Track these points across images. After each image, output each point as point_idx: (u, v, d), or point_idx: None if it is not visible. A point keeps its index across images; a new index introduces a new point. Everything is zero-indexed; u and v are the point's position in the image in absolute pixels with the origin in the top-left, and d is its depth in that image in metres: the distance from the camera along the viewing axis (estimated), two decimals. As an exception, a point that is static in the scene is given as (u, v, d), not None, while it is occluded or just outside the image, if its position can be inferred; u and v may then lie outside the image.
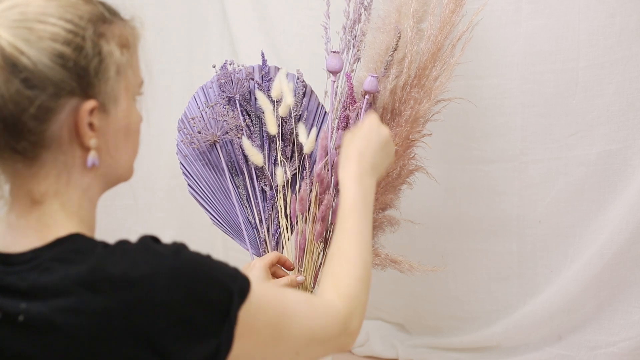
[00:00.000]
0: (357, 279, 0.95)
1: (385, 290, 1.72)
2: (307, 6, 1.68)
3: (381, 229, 1.37)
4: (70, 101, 0.76)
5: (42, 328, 0.72)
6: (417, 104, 1.32)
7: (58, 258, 0.75)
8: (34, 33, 0.74)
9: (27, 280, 0.74)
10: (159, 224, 1.88)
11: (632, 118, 1.41)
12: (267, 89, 1.39)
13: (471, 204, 1.59)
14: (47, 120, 0.75)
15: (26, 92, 0.73)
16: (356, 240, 0.98)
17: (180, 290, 0.74)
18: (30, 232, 0.78)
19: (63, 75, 0.75)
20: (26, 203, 0.79)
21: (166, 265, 0.74)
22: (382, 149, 1.09)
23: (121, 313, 0.72)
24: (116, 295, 0.72)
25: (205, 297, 0.75)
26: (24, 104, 0.74)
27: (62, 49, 0.75)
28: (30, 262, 0.75)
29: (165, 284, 0.73)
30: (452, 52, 1.33)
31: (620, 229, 1.41)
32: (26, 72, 0.73)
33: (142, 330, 0.72)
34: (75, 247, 0.76)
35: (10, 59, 0.73)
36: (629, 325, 1.45)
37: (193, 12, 1.84)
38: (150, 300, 0.73)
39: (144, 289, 0.73)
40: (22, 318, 0.73)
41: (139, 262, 0.74)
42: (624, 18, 1.38)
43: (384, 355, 1.69)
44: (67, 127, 0.77)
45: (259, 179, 1.39)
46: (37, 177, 0.78)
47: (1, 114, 0.74)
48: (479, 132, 1.54)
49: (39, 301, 0.73)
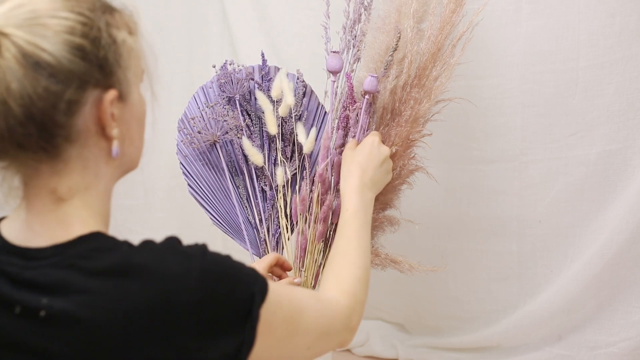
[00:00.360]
0: (357, 279, 1.02)
1: (385, 290, 1.72)
2: (307, 6, 1.68)
3: (381, 229, 1.37)
4: (93, 92, 0.77)
5: (65, 323, 0.72)
6: (417, 104, 1.32)
7: (82, 255, 0.75)
8: (50, 28, 0.74)
9: (49, 276, 0.74)
10: (159, 224, 1.88)
11: (632, 118, 1.41)
12: (267, 89, 1.39)
13: (471, 204, 1.59)
14: (75, 113, 0.75)
15: (54, 87, 0.73)
16: (357, 245, 1.06)
17: (207, 291, 0.75)
18: (50, 228, 0.78)
19: (84, 67, 0.75)
20: (47, 202, 0.78)
21: (195, 267, 0.76)
22: (382, 166, 1.19)
23: (147, 310, 0.73)
24: (142, 293, 0.73)
25: (230, 296, 0.77)
26: (54, 100, 0.73)
27: (79, 42, 0.75)
28: (52, 257, 0.75)
29: (194, 284, 0.75)
30: (452, 52, 1.33)
31: (620, 229, 1.41)
32: (50, 68, 0.73)
33: (166, 327, 0.73)
34: (99, 245, 0.77)
35: (32, 57, 0.72)
36: (629, 325, 1.44)
37: (193, 12, 1.84)
38: (178, 299, 0.73)
39: (172, 288, 0.74)
40: (43, 313, 0.73)
41: (169, 260, 0.75)
42: (624, 18, 1.38)
43: (384, 355, 1.69)
44: (92, 119, 0.77)
45: (259, 179, 1.39)
46: (61, 174, 0.77)
47: (30, 113, 0.73)
48: (479, 132, 1.54)
49: (61, 296, 0.73)
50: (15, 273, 0.75)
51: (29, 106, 0.73)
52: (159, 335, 0.73)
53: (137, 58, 0.82)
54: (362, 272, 1.03)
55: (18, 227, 0.79)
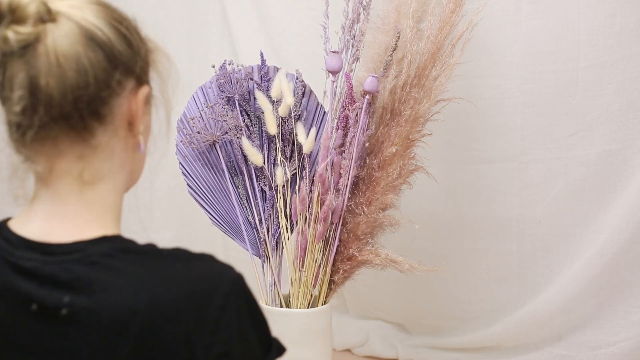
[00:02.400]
0: None
1: (385, 290, 1.72)
2: (307, 6, 1.68)
3: (381, 229, 1.37)
4: (132, 82, 0.77)
5: (87, 323, 0.71)
6: (417, 104, 1.32)
7: (107, 254, 0.74)
8: (103, 13, 0.76)
9: (71, 272, 0.72)
10: (159, 224, 1.88)
11: (632, 118, 1.41)
12: (266, 89, 1.39)
13: (471, 204, 1.59)
14: (117, 96, 0.76)
15: (106, 64, 0.74)
16: None
17: (231, 314, 0.73)
18: (69, 222, 0.76)
19: (130, 54, 0.76)
20: (72, 187, 0.77)
21: (225, 287, 0.74)
22: None
23: (173, 317, 0.71)
24: (170, 300, 0.72)
25: (248, 334, 0.76)
26: (107, 77, 0.74)
27: (127, 33, 0.77)
28: (74, 253, 0.74)
29: (220, 303, 0.73)
30: (451, 52, 1.33)
31: (620, 229, 1.41)
32: (105, 46, 0.74)
33: (189, 339, 0.72)
34: (125, 247, 0.76)
35: (89, 32, 0.73)
36: (629, 325, 1.44)
37: (193, 12, 1.84)
38: (203, 313, 0.72)
39: (200, 301, 0.72)
40: (65, 312, 0.71)
41: (199, 274, 0.74)
42: (624, 18, 1.38)
43: (384, 355, 1.69)
44: (127, 108, 0.78)
45: (259, 179, 1.39)
46: (89, 158, 0.76)
47: (85, 81, 0.73)
48: (479, 132, 1.54)
49: (84, 294, 0.72)
50: (34, 268, 0.73)
51: (84, 74, 0.73)
52: (180, 344, 0.72)
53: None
54: None
55: (34, 222, 0.77)
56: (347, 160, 1.32)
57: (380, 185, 1.33)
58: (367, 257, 1.34)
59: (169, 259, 0.75)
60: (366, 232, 1.34)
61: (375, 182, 1.33)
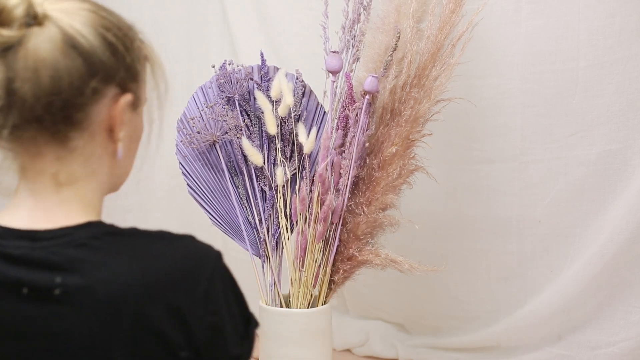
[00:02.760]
0: None
1: (385, 290, 1.72)
2: (307, 6, 1.68)
3: (381, 229, 1.37)
4: (113, 90, 0.78)
5: (82, 301, 0.72)
6: (417, 104, 1.32)
7: (93, 237, 0.76)
8: (89, 19, 0.77)
9: (61, 255, 0.74)
10: (159, 224, 1.87)
11: (632, 118, 1.41)
12: (266, 89, 1.39)
13: (471, 204, 1.59)
14: (94, 103, 0.77)
15: (83, 70, 0.75)
16: None
17: (218, 287, 0.78)
18: (53, 211, 0.78)
19: (113, 63, 0.77)
20: (48, 185, 0.78)
21: (211, 262, 0.79)
22: None
23: (165, 290, 0.74)
24: (162, 274, 0.75)
25: (232, 307, 0.80)
26: (81, 83, 0.75)
27: (113, 40, 0.77)
28: (62, 237, 0.75)
29: (209, 275, 0.77)
30: (452, 52, 1.33)
31: (620, 229, 1.41)
32: (85, 53, 0.75)
33: (181, 312, 0.74)
34: (111, 230, 0.78)
35: (71, 38, 0.75)
36: (629, 325, 1.44)
37: (193, 12, 1.84)
38: (193, 285, 0.76)
39: (190, 274, 0.76)
40: (58, 292, 0.72)
41: (185, 250, 0.78)
42: (624, 18, 1.38)
43: (384, 355, 1.69)
44: (105, 114, 0.79)
45: (259, 179, 1.39)
46: (63, 161, 0.78)
47: (58, 87, 0.74)
48: (479, 132, 1.54)
49: (77, 274, 0.73)
50: (23, 254, 0.74)
51: (58, 80, 0.74)
52: (172, 315, 0.74)
53: (145, 84, 0.85)
54: None
55: (19, 214, 0.79)
56: (347, 160, 1.32)
57: (380, 185, 1.33)
58: (367, 257, 1.34)
59: (154, 239, 0.79)
60: (366, 232, 1.34)
61: (375, 182, 1.33)
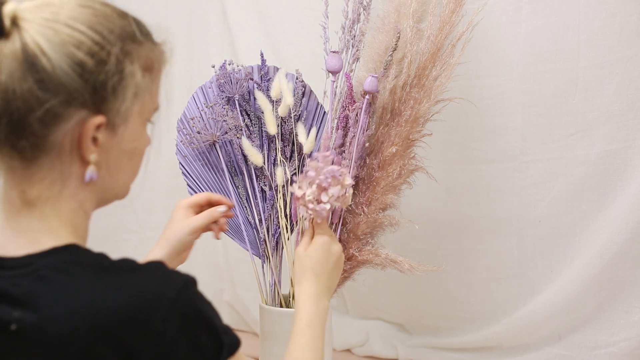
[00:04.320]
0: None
1: (385, 290, 1.72)
2: (307, 6, 1.68)
3: (381, 229, 1.37)
4: (80, 112, 0.75)
5: (33, 339, 0.71)
6: (417, 104, 1.31)
7: (55, 267, 0.74)
8: (59, 36, 0.73)
9: (21, 287, 0.72)
10: (159, 224, 1.87)
11: (632, 118, 1.41)
12: (266, 89, 1.39)
13: (471, 204, 1.59)
14: (52, 125, 0.74)
15: (38, 93, 0.72)
16: (310, 355, 1.01)
17: (176, 325, 0.74)
18: (22, 235, 0.77)
19: (78, 84, 0.74)
20: (17, 204, 0.77)
21: (169, 297, 0.74)
22: (335, 268, 1.13)
23: (115, 331, 0.71)
24: (112, 314, 0.71)
25: (198, 339, 0.76)
26: (33, 104, 0.73)
27: (83, 59, 0.74)
28: (24, 267, 0.74)
29: (163, 314, 0.73)
30: (451, 52, 1.33)
31: (620, 229, 1.41)
32: (43, 73, 0.72)
33: (132, 352, 0.72)
34: (73, 259, 0.75)
35: (31, 57, 0.72)
36: (629, 325, 1.44)
37: (193, 12, 1.84)
38: (145, 326, 0.72)
39: (142, 315, 0.72)
40: (14, 327, 0.71)
41: (145, 281, 0.74)
42: (624, 18, 1.38)
43: (384, 355, 1.69)
44: (71, 137, 0.76)
45: (259, 179, 1.39)
46: (32, 179, 0.77)
47: (8, 108, 0.72)
48: (478, 132, 1.54)
49: (31, 310, 0.72)
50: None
51: (9, 101, 0.72)
52: (123, 351, 0.72)
53: (147, 95, 0.81)
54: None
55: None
56: (347, 160, 1.32)
57: (380, 185, 1.33)
58: (367, 257, 1.34)
59: (114, 271, 0.75)
60: (366, 232, 1.34)
61: (375, 182, 1.33)
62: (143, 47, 0.80)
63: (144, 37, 0.80)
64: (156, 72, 0.82)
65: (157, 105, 0.84)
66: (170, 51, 0.84)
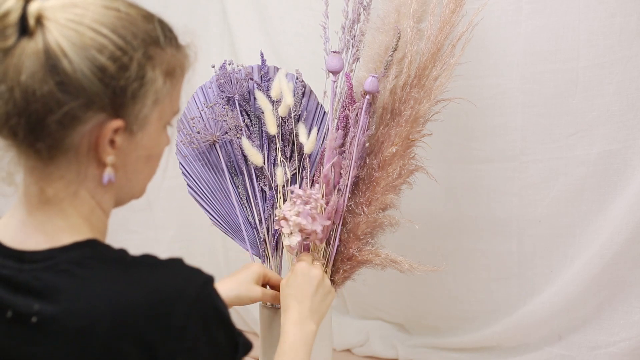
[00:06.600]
0: None
1: (385, 290, 1.72)
2: (307, 6, 1.68)
3: (381, 229, 1.37)
4: (98, 115, 0.75)
5: (54, 331, 0.72)
6: (417, 104, 1.31)
7: (76, 262, 0.75)
8: (82, 39, 0.73)
9: (41, 280, 0.74)
10: (159, 224, 1.88)
11: (632, 118, 1.41)
12: (266, 89, 1.39)
13: (471, 204, 1.59)
14: (70, 127, 0.74)
15: (58, 95, 0.72)
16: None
17: (198, 321, 0.75)
18: (43, 230, 0.77)
19: (98, 88, 0.74)
20: (37, 200, 0.78)
21: (190, 294, 0.75)
22: (317, 292, 1.15)
23: (136, 326, 0.72)
24: (133, 309, 0.72)
25: (217, 337, 0.77)
26: (52, 106, 0.73)
27: (105, 63, 0.74)
28: (45, 261, 0.75)
29: (185, 310, 0.74)
30: (452, 52, 1.33)
31: (620, 229, 1.41)
32: (63, 76, 0.72)
33: (153, 347, 0.72)
34: (94, 254, 0.76)
35: (53, 59, 0.72)
36: (629, 325, 1.44)
37: (193, 12, 1.84)
38: (166, 321, 0.73)
39: (163, 310, 0.73)
40: (35, 319, 0.72)
41: (163, 281, 0.75)
42: (624, 18, 1.38)
43: (384, 355, 1.69)
44: (88, 139, 0.76)
45: (259, 179, 1.39)
46: (51, 177, 0.77)
47: (27, 109, 0.72)
48: (478, 132, 1.54)
49: (52, 303, 0.72)
50: (10, 276, 0.75)
51: (28, 101, 0.72)
52: (143, 351, 0.72)
53: (167, 101, 0.81)
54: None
55: (14, 228, 0.79)
56: (347, 160, 1.32)
57: (380, 185, 1.33)
58: (367, 257, 1.34)
59: (136, 267, 0.76)
60: (366, 232, 1.34)
61: (375, 182, 1.33)
62: (166, 52, 0.80)
63: (168, 41, 0.81)
64: (178, 77, 0.83)
65: (178, 109, 0.85)
66: (194, 55, 0.85)
